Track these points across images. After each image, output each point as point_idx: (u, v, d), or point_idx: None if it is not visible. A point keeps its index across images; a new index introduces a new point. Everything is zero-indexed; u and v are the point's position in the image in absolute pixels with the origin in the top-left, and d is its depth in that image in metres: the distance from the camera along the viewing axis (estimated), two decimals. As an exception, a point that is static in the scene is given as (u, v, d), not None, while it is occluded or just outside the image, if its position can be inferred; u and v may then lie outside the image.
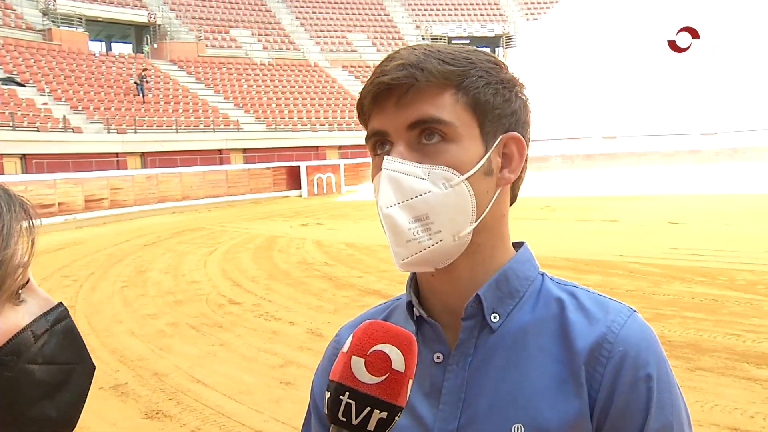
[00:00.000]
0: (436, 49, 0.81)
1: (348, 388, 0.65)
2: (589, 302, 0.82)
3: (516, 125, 0.84)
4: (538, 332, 0.81)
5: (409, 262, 0.80)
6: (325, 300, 8.18)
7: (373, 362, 0.66)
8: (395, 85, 0.78)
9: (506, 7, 47.19)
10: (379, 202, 0.80)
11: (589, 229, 13.06)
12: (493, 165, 0.82)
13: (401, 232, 0.78)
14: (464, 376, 0.81)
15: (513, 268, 0.85)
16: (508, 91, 0.83)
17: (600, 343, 0.77)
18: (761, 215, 13.83)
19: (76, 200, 19.86)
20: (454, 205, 0.78)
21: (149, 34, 35.39)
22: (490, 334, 0.82)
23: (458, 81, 0.80)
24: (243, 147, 28.35)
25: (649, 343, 0.78)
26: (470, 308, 0.82)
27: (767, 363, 5.11)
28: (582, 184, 22.21)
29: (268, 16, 40.68)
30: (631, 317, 0.80)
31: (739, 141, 32.35)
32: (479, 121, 0.80)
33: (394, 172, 0.78)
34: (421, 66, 0.78)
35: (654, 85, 36.06)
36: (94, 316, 7.93)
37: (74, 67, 28.01)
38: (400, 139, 0.80)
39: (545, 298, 0.84)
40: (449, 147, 0.79)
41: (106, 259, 12.52)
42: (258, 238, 14.48)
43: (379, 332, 0.68)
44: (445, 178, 0.78)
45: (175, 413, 4.80)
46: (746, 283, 7.76)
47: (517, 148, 0.84)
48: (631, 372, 0.76)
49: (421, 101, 0.78)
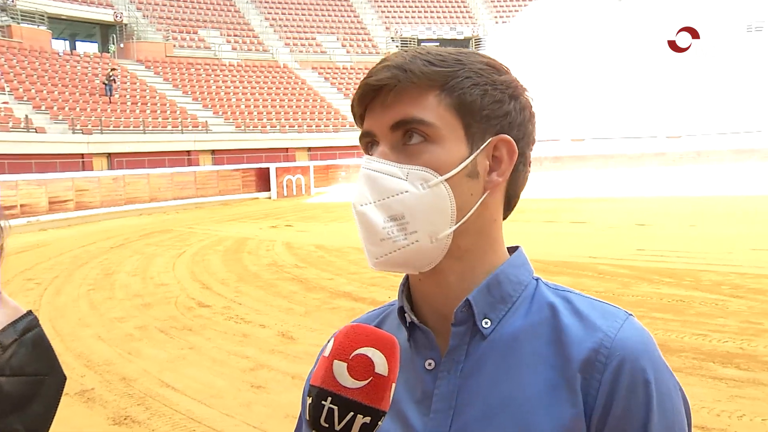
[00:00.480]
0: (427, 51, 0.80)
1: (330, 393, 0.64)
2: (584, 306, 0.80)
3: (509, 127, 0.81)
4: (531, 338, 0.79)
5: (383, 261, 0.78)
6: (295, 302, 8.13)
7: (355, 366, 0.65)
8: (380, 86, 0.78)
9: (475, 10, 47.53)
10: (353, 200, 0.79)
11: (558, 230, 13.20)
12: (479, 168, 0.80)
13: (375, 231, 0.77)
14: (455, 383, 0.79)
15: (505, 272, 0.83)
16: (500, 92, 0.81)
17: (596, 349, 0.75)
18: (725, 217, 14.13)
19: (39, 202, 19.45)
20: (431, 205, 0.77)
21: (115, 33, 34.82)
22: (481, 340, 0.80)
23: (443, 82, 0.78)
24: (212, 148, 28.07)
25: (647, 347, 0.76)
26: (460, 314, 0.80)
27: (732, 362, 5.21)
28: (550, 186, 22.43)
29: (237, 16, 40.36)
30: (627, 321, 0.78)
31: (703, 144, 33.01)
32: (464, 122, 0.79)
33: (372, 171, 0.78)
34: (406, 67, 0.77)
35: (621, 88, 36.61)
36: (59, 321, 7.77)
37: (36, 65, 27.39)
38: (384, 140, 0.79)
39: (538, 302, 0.81)
40: (430, 148, 0.78)
41: (72, 261, 12.28)
42: (227, 240, 14.35)
43: (362, 335, 0.67)
44: (423, 179, 0.77)
45: (144, 419, 4.72)
46: (711, 283, 7.90)
47: (507, 151, 0.81)
48: (629, 378, 0.73)
49: (404, 102, 0.78)
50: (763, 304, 6.89)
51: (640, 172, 31.07)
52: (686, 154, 33.06)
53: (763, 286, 7.63)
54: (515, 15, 46.77)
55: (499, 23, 46.38)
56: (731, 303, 6.98)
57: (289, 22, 41.97)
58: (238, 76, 34.60)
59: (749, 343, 5.64)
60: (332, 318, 7.21)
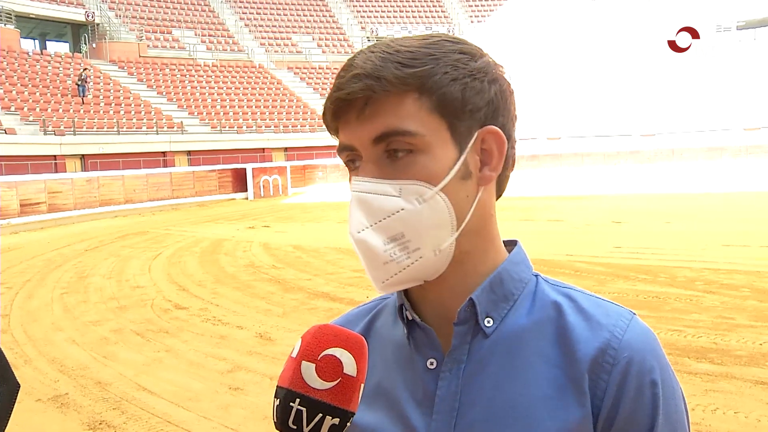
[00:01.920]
0: (395, 49, 0.75)
1: (298, 395, 0.64)
2: (588, 304, 0.78)
3: (494, 115, 0.78)
4: (535, 337, 0.77)
5: (390, 284, 0.76)
6: (273, 303, 8.08)
7: (324, 367, 0.65)
8: (353, 99, 0.74)
9: (451, 9, 47.71)
10: (349, 228, 0.76)
11: (535, 229, 13.28)
12: (471, 166, 0.77)
13: (376, 255, 0.74)
14: (458, 384, 0.77)
15: (507, 270, 0.81)
16: (479, 81, 0.76)
17: (604, 349, 0.74)
18: (699, 214, 14.34)
19: (10, 204, 19.11)
20: (430, 219, 0.74)
21: (87, 33, 34.35)
22: (484, 339, 0.78)
23: (420, 83, 0.73)
24: (187, 149, 27.82)
25: (653, 348, 0.75)
26: (463, 313, 0.78)
27: (706, 357, 5.28)
28: (527, 185, 22.57)
29: (211, 16, 40.06)
30: (633, 321, 0.77)
31: (677, 142, 33.46)
32: (449, 123, 0.75)
33: (364, 193, 0.75)
34: (378, 74, 0.72)
35: (596, 87, 37.00)
36: (31, 325, 7.63)
37: (5, 65, 26.89)
38: (367, 155, 0.75)
39: (541, 300, 0.80)
40: (419, 158, 0.74)
41: (45, 264, 12.09)
42: (204, 241, 14.23)
43: (329, 336, 0.66)
44: (417, 193, 0.74)
45: (120, 423, 4.65)
46: (686, 280, 8.01)
47: (495, 142, 0.78)
48: (636, 378, 0.73)
49: (382, 113, 0.73)
50: (735, 299, 7.00)
51: (615, 170, 31.42)
52: (660, 152, 33.51)
53: (736, 282, 7.76)
54: (490, 14, 47.05)
55: (474, 22, 46.60)
56: (705, 299, 7.08)
57: (264, 22, 41.77)
58: (213, 77, 34.36)
59: (722, 338, 5.73)
60: (310, 318, 7.18)
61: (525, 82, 35.04)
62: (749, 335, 5.77)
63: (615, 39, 39.31)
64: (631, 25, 39.85)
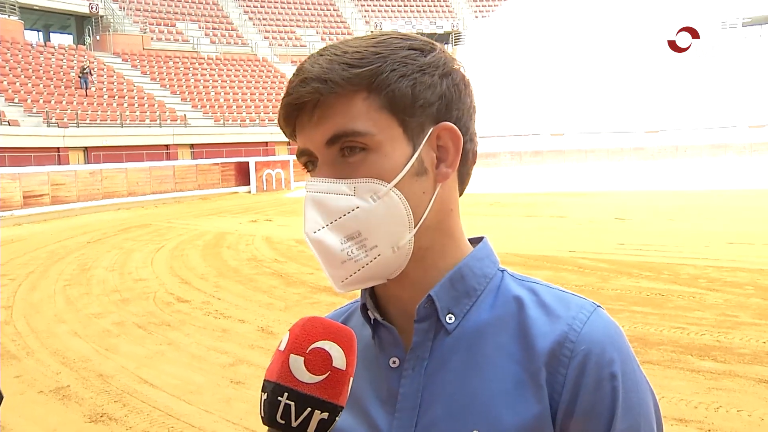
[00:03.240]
0: (343, 50, 0.74)
1: (287, 389, 0.62)
2: (550, 298, 0.77)
3: (447, 110, 0.77)
4: (496, 332, 0.76)
5: (349, 282, 0.76)
6: (275, 297, 8.08)
7: (313, 360, 0.63)
8: (302, 103, 0.74)
9: (455, 4, 47.57)
10: (305, 228, 0.75)
11: (538, 225, 13.26)
12: (426, 163, 0.76)
13: (334, 255, 0.74)
14: (420, 381, 0.77)
15: (469, 266, 0.80)
16: (430, 75, 0.75)
17: (561, 342, 0.73)
18: (703, 211, 14.30)
19: (13, 196, 19.15)
20: (386, 216, 0.74)
21: (91, 25, 34.33)
22: (446, 335, 0.77)
23: (368, 83, 0.73)
24: (190, 142, 27.84)
25: (614, 340, 0.74)
26: (423, 309, 0.77)
27: (709, 355, 5.26)
28: (530, 181, 22.55)
29: (215, 9, 40.02)
30: (595, 313, 0.75)
31: (681, 139, 33.39)
32: (400, 120, 0.74)
33: (318, 193, 0.74)
34: (324, 77, 0.72)
35: (601, 84, 36.90)
36: (34, 317, 7.64)
37: (8, 57, 26.92)
38: (322, 157, 0.75)
39: (504, 295, 0.79)
40: (371, 157, 0.74)
41: (48, 257, 12.11)
42: (206, 234, 14.23)
43: (318, 328, 0.65)
44: (371, 191, 0.73)
45: (121, 416, 4.65)
46: (689, 277, 7.99)
47: (451, 139, 0.77)
48: (595, 371, 0.71)
49: (332, 115, 0.73)
50: (738, 297, 6.98)
51: (619, 166, 31.36)
52: (664, 149, 33.44)
53: (739, 279, 7.73)
54: (495, 9, 46.89)
55: (478, 17, 46.46)
56: (708, 296, 7.06)
57: (268, 15, 41.72)
58: (216, 70, 34.34)
59: (726, 335, 5.71)
60: (312, 313, 7.10)
61: (529, 78, 34.96)
62: (753, 333, 5.75)
63: (619, 35, 39.18)
64: (636, 22, 39.70)
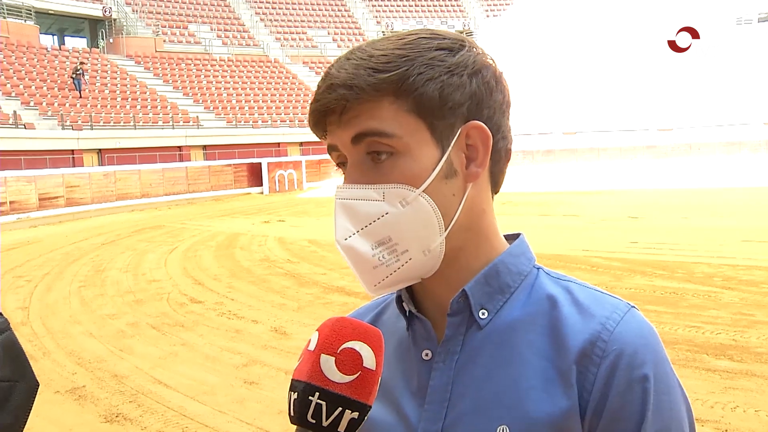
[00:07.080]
0: (369, 54, 0.74)
1: (318, 389, 0.63)
2: (584, 297, 0.77)
3: (478, 109, 0.76)
4: (528, 329, 0.76)
5: (381, 286, 0.77)
6: (288, 298, 8.09)
7: (344, 360, 0.64)
8: (330, 109, 0.74)
9: (467, 3, 47.48)
10: (336, 236, 0.76)
11: (551, 223, 13.21)
12: (456, 164, 0.76)
13: (365, 260, 0.75)
14: (450, 375, 0.77)
15: (504, 262, 0.80)
16: (458, 76, 0.74)
17: (593, 341, 0.72)
18: (717, 209, 14.18)
19: (29, 198, 19.33)
20: (415, 221, 0.74)
21: (104, 28, 34.58)
22: (478, 330, 0.78)
23: (394, 88, 0.73)
24: (203, 144, 27.95)
25: (647, 341, 0.73)
26: (456, 304, 0.78)
27: (725, 354, 5.22)
28: (543, 180, 22.47)
29: (227, 11, 40.17)
30: (629, 313, 0.75)
31: (694, 136, 33.14)
32: (428, 123, 0.74)
33: (347, 200, 0.75)
34: (350, 83, 0.72)
35: (612, 81, 36.69)
36: (50, 318, 7.71)
37: (24, 60, 27.15)
38: (351, 157, 0.76)
39: (537, 293, 0.79)
40: (400, 161, 0.74)
41: (63, 258, 12.21)
42: (219, 235, 14.29)
43: (348, 329, 0.66)
44: (400, 196, 0.74)
45: (136, 416, 4.68)
46: (704, 275, 7.92)
47: (480, 138, 0.77)
48: (626, 372, 0.71)
49: (360, 118, 0.73)
50: (755, 295, 6.91)
51: (632, 164, 31.16)
52: (678, 147, 33.20)
53: (755, 278, 7.66)
54: (506, 8, 46.75)
55: (490, 17, 46.33)
56: (724, 295, 7.00)
57: (280, 16, 41.82)
58: (228, 71, 34.46)
59: (742, 334, 5.66)
60: (325, 313, 7.18)
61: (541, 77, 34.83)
62: (769, 332, 5.70)
63: (631, 33, 38.92)
64: (649, 18, 39.43)
